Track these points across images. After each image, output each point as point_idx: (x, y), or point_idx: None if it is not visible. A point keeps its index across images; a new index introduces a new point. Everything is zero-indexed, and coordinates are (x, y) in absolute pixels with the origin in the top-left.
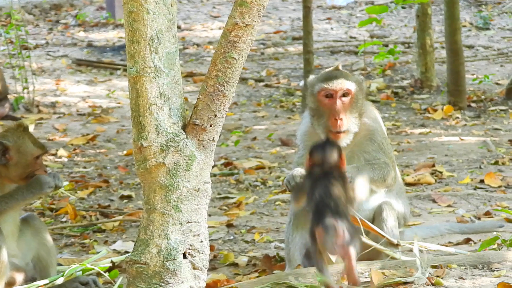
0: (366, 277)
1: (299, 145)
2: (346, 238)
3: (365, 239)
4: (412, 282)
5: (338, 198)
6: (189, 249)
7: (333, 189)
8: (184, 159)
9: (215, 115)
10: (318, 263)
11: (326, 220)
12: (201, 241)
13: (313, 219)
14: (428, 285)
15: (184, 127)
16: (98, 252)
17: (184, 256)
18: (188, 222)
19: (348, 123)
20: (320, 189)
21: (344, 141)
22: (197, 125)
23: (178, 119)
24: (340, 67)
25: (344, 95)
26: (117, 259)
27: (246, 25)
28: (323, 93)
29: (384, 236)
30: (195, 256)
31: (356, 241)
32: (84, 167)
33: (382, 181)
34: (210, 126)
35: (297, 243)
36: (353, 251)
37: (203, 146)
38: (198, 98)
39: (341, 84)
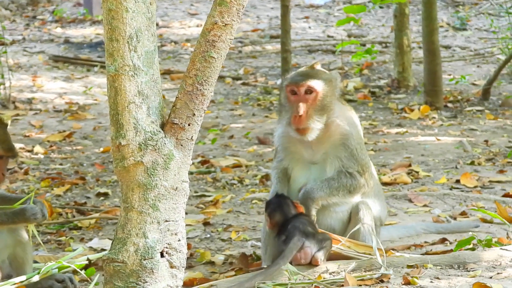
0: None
1: (277, 148)
2: (312, 253)
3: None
4: (387, 281)
5: (305, 221)
6: (166, 247)
7: (302, 218)
8: (162, 158)
9: (194, 114)
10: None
11: (294, 239)
12: (179, 240)
13: (285, 239)
14: (403, 284)
15: (163, 126)
16: (74, 250)
17: (162, 255)
18: (166, 221)
19: (309, 121)
20: (292, 223)
21: (309, 137)
22: (176, 124)
23: (157, 118)
24: (318, 66)
25: (307, 92)
26: (93, 256)
27: (226, 24)
28: (288, 89)
29: (361, 245)
30: (172, 255)
31: (325, 250)
32: (61, 164)
33: (347, 192)
34: (189, 125)
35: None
36: (320, 258)
37: (182, 145)
38: (176, 97)
39: (304, 81)
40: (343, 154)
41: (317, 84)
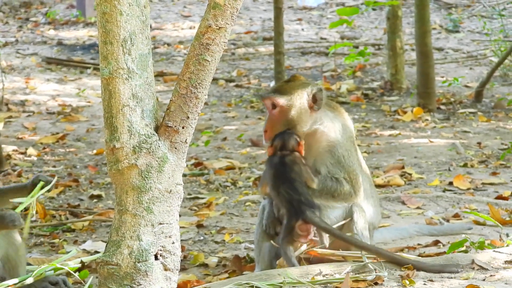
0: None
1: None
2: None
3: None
4: (381, 284)
5: (303, 190)
6: (160, 250)
7: (297, 184)
8: (157, 161)
9: (188, 117)
10: (286, 251)
11: (306, 215)
12: (173, 243)
13: (292, 215)
14: (397, 286)
15: (157, 129)
16: (67, 252)
17: (156, 258)
18: (160, 223)
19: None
20: (285, 185)
21: None
22: (170, 127)
23: (151, 121)
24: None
25: (273, 107)
26: (87, 259)
27: (220, 27)
28: (263, 102)
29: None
30: (166, 258)
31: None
32: (54, 166)
33: (330, 197)
34: (183, 128)
35: (267, 244)
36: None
37: (176, 148)
38: (170, 100)
39: (268, 95)
40: (330, 161)
41: (280, 99)
